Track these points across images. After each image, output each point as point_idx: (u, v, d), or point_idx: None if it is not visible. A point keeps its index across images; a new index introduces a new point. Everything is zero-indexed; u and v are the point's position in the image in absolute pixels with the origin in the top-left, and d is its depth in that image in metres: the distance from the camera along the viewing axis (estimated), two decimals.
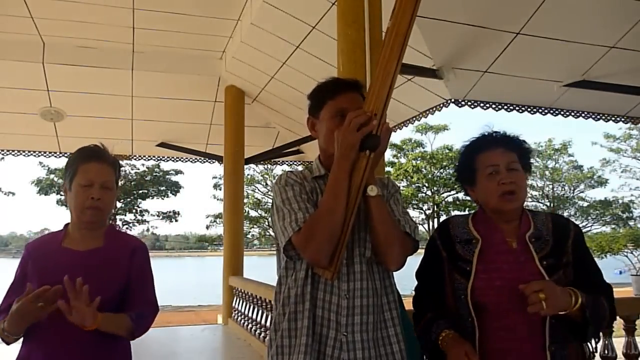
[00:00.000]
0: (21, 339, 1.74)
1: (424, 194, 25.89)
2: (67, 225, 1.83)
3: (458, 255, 1.68)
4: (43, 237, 1.86)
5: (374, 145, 1.54)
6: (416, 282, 1.83)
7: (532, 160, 1.76)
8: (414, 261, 1.75)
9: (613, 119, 5.85)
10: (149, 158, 9.29)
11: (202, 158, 8.95)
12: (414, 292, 1.84)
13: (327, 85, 1.72)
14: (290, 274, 1.63)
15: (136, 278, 1.78)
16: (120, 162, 1.90)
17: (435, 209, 25.96)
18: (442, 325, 1.64)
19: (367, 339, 1.58)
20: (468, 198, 1.78)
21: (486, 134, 1.73)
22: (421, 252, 1.81)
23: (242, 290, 6.47)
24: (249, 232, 27.17)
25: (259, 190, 27.00)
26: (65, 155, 8.68)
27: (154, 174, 25.35)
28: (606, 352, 2.87)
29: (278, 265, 1.76)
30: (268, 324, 5.19)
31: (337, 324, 1.56)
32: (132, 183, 24.31)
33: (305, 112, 1.78)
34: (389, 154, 26.41)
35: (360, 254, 1.62)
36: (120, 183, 1.92)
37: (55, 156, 8.62)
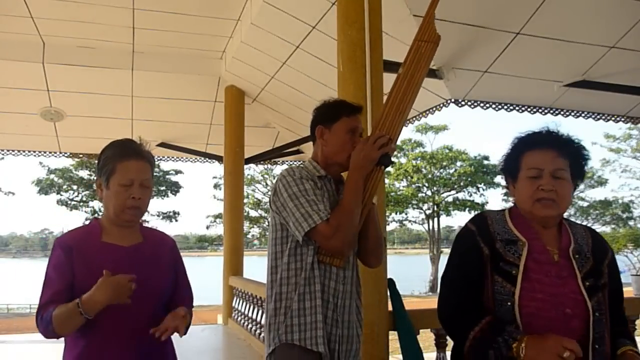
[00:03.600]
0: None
1: (424, 194, 25.90)
2: (96, 220, 1.77)
3: (500, 256, 1.51)
4: (75, 232, 1.76)
5: (388, 163, 1.85)
6: (444, 284, 1.63)
7: (586, 169, 1.60)
8: (414, 260, 1.76)
9: (613, 119, 5.84)
10: None
11: (202, 158, 8.94)
12: (439, 296, 1.63)
13: (342, 104, 1.99)
14: (295, 260, 1.81)
15: (182, 273, 1.85)
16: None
17: (435, 209, 25.97)
18: (516, 332, 1.41)
19: (350, 319, 1.86)
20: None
21: (542, 131, 1.58)
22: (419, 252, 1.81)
23: (242, 290, 6.47)
24: (249, 232, 27.21)
25: (259, 190, 27.04)
26: (66, 155, 8.68)
27: (154, 174, 25.36)
28: None
29: (275, 253, 1.87)
30: None
31: (334, 306, 1.81)
32: None
33: (305, 112, 1.90)
34: None
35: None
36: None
37: (55, 156, 8.63)
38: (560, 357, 1.31)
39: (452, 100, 5.18)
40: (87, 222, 1.79)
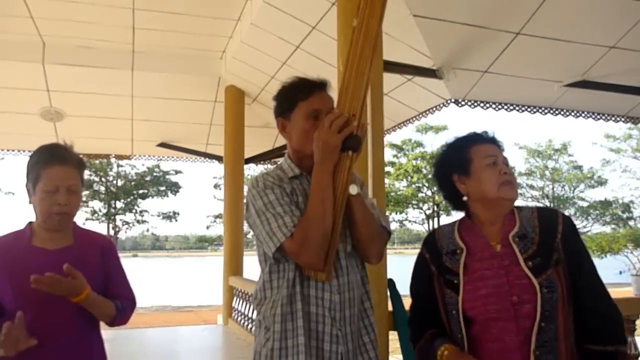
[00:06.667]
0: None
1: (424, 194, 25.92)
2: (30, 223, 1.79)
3: (446, 268, 1.59)
4: (5, 236, 1.79)
5: (356, 146, 1.55)
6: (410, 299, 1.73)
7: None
8: (414, 260, 1.74)
9: (613, 119, 5.85)
10: (149, 158, 9.30)
11: (202, 158, 8.95)
12: (409, 310, 1.73)
13: (297, 86, 1.71)
14: (277, 277, 1.63)
15: (114, 276, 1.83)
16: (84, 160, 1.84)
17: (435, 209, 25.98)
18: (443, 341, 1.54)
19: (353, 330, 1.64)
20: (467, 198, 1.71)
21: (479, 132, 1.69)
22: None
23: (242, 290, 6.47)
24: (249, 232, 27.20)
25: None
26: None
27: (154, 174, 25.42)
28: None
29: (262, 270, 1.71)
30: None
31: (331, 320, 1.59)
32: (132, 183, 24.34)
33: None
34: (388, 154, 26.40)
35: (343, 249, 1.65)
36: (119, 183, 1.88)
37: None
38: None
39: (452, 100, 5.19)
40: (22, 227, 1.80)
